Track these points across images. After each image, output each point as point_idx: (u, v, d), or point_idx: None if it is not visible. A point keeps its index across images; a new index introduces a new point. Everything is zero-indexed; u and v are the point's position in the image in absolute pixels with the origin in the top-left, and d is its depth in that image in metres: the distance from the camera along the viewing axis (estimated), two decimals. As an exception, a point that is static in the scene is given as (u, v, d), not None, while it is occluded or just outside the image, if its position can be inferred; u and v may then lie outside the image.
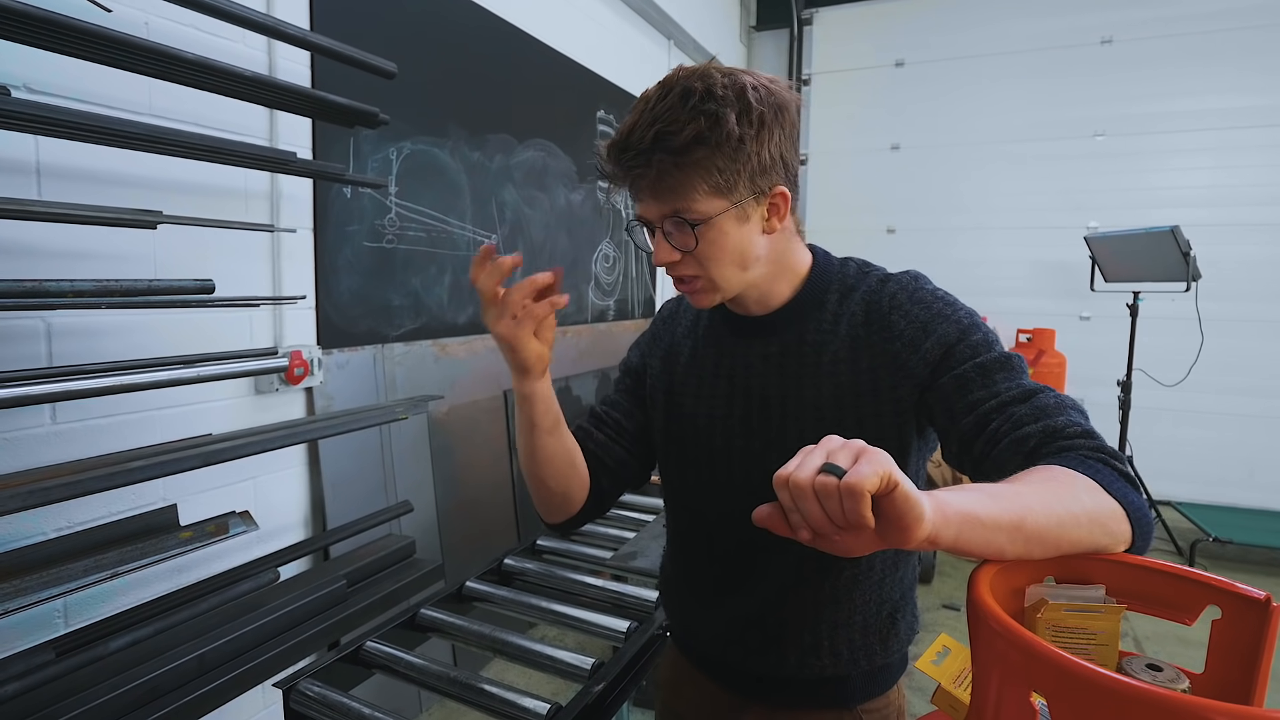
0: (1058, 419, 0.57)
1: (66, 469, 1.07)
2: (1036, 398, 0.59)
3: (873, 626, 0.74)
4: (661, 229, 0.65)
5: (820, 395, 0.69)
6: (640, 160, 0.62)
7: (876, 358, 0.68)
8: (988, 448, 0.59)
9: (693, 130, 0.60)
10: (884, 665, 0.76)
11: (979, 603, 0.47)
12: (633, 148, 0.62)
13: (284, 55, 1.54)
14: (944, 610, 2.69)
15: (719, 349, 0.77)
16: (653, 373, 0.83)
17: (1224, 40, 3.54)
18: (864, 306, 0.70)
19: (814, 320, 0.71)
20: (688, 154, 0.61)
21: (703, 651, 0.82)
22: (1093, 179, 3.83)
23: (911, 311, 0.67)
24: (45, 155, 1.15)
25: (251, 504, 1.50)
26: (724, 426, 0.74)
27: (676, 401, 0.79)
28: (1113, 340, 3.51)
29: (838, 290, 0.72)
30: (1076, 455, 0.54)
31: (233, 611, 1.22)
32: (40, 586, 1.00)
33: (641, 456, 0.85)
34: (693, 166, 0.61)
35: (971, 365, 0.63)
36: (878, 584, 0.74)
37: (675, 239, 0.65)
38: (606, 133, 3.01)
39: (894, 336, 0.67)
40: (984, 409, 0.60)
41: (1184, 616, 0.52)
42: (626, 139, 0.62)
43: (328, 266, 1.71)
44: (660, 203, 0.64)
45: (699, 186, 0.62)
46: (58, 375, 1.07)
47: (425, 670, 1.04)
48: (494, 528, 2.24)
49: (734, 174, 0.63)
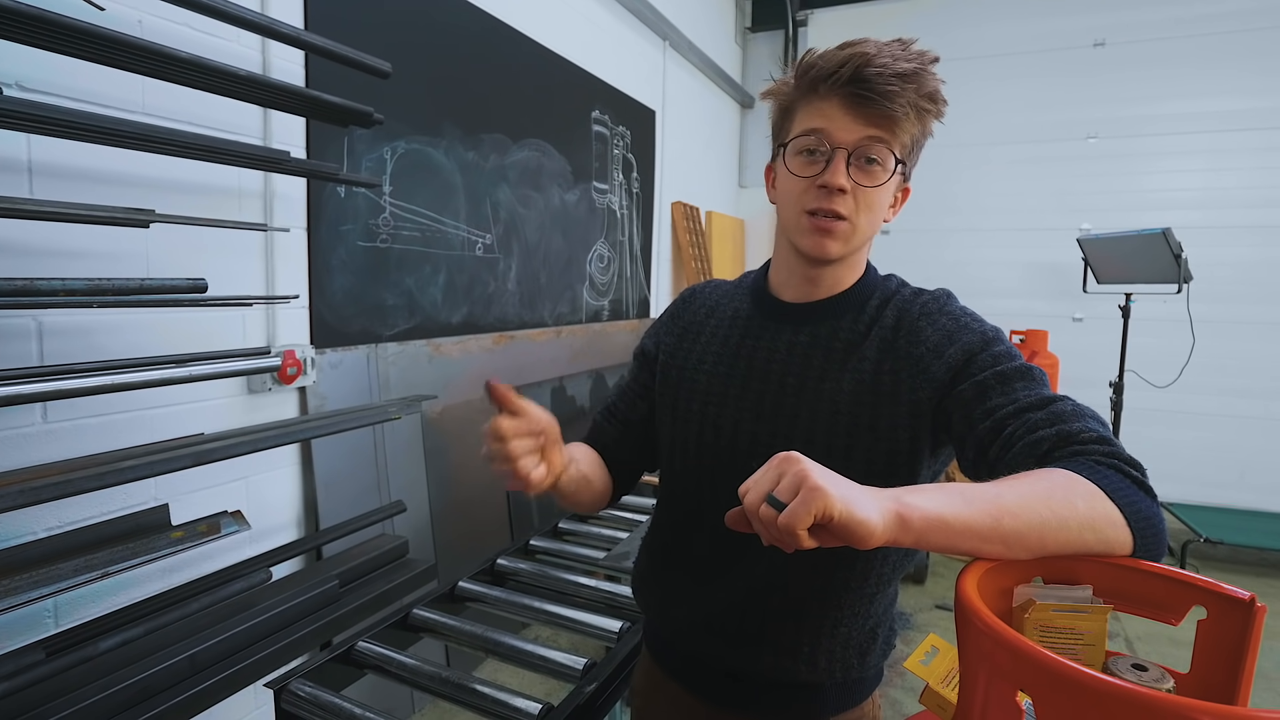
0: (1073, 424, 0.57)
1: (57, 468, 1.07)
2: (1054, 405, 0.59)
3: (854, 639, 0.73)
4: (850, 155, 0.65)
5: (839, 391, 0.69)
6: (890, 83, 0.62)
7: (900, 361, 0.68)
8: (1002, 451, 0.59)
9: (935, 86, 0.64)
10: (859, 679, 0.76)
11: (966, 603, 0.48)
12: (885, 67, 0.62)
13: (278, 54, 1.53)
14: (937, 610, 2.70)
15: (745, 330, 0.77)
16: (666, 350, 0.83)
17: (1216, 43, 3.57)
18: (895, 314, 0.71)
19: (850, 319, 0.72)
20: (929, 102, 0.64)
21: (678, 648, 0.81)
22: (1085, 181, 3.85)
23: (939, 321, 0.68)
24: (38, 153, 1.15)
25: (244, 504, 1.49)
26: (735, 407, 0.74)
27: (689, 380, 0.79)
28: (1105, 342, 3.53)
29: (879, 298, 0.73)
30: (1087, 460, 0.54)
31: (224, 611, 1.22)
32: (30, 586, 0.99)
33: (651, 443, 0.87)
34: (921, 115, 0.65)
35: (992, 373, 0.63)
36: (869, 597, 0.73)
37: (856, 172, 0.66)
38: (602, 134, 3.01)
39: (920, 342, 0.68)
40: (1000, 414, 0.60)
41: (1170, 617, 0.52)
42: (874, 58, 0.62)
43: (321, 266, 1.70)
44: (873, 129, 0.64)
45: (914, 133, 0.66)
46: (49, 374, 1.06)
47: (418, 670, 1.04)
48: (487, 528, 2.24)
49: (920, 145, 0.68)
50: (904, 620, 2.60)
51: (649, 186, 3.48)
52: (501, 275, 2.39)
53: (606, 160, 3.08)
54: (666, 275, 3.81)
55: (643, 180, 3.41)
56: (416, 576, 1.50)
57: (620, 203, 3.22)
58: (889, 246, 4.30)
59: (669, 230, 3.78)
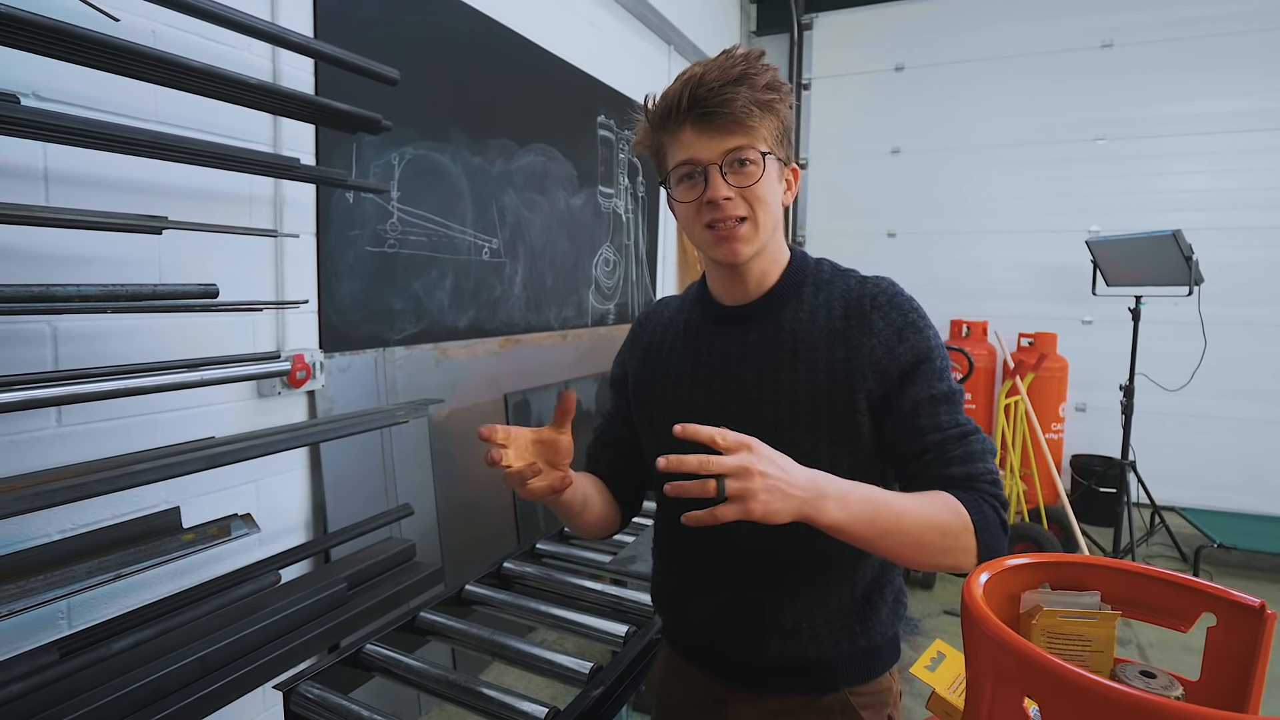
0: (978, 466, 0.70)
1: (71, 471, 1.08)
2: (969, 442, 0.70)
3: (849, 607, 0.76)
4: (720, 167, 0.69)
5: (796, 382, 0.73)
6: (723, 93, 0.67)
7: (852, 350, 0.72)
8: (922, 469, 0.71)
9: (770, 76, 0.69)
10: (868, 648, 0.77)
11: (972, 608, 0.47)
12: (714, 82, 0.67)
13: (288, 63, 1.55)
14: (945, 616, 2.68)
15: (699, 339, 0.81)
16: (633, 371, 0.87)
17: (1225, 44, 3.54)
18: (842, 303, 0.75)
19: (791, 310, 0.76)
20: (768, 93, 0.69)
21: (691, 643, 0.85)
22: (1094, 183, 3.83)
23: (890, 315, 0.73)
24: (53, 161, 1.16)
25: (253, 507, 1.50)
26: (704, 415, 0.77)
27: (659, 395, 0.82)
28: (1115, 344, 3.50)
29: (813, 284, 0.77)
30: (976, 497, 0.68)
31: (234, 613, 1.23)
32: (45, 588, 1.00)
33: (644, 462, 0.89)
34: (767, 107, 0.69)
35: (927, 396, 0.71)
36: (850, 564, 0.76)
37: (732, 177, 0.70)
38: (608, 138, 3.02)
39: (872, 334, 0.72)
40: (926, 441, 0.71)
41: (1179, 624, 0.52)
42: (702, 78, 0.68)
43: (330, 271, 1.72)
44: (729, 137, 0.69)
45: (769, 126, 0.70)
46: (63, 379, 1.07)
47: (425, 673, 1.05)
48: (494, 531, 2.25)
49: (785, 131, 0.72)
50: (911, 625, 2.59)
51: (654, 190, 3.48)
52: (508, 279, 2.40)
53: (612, 164, 3.09)
54: (672, 279, 3.81)
55: (648, 184, 3.42)
56: (423, 579, 1.51)
57: (626, 206, 3.23)
58: (896, 249, 4.29)
59: (674, 234, 3.79)
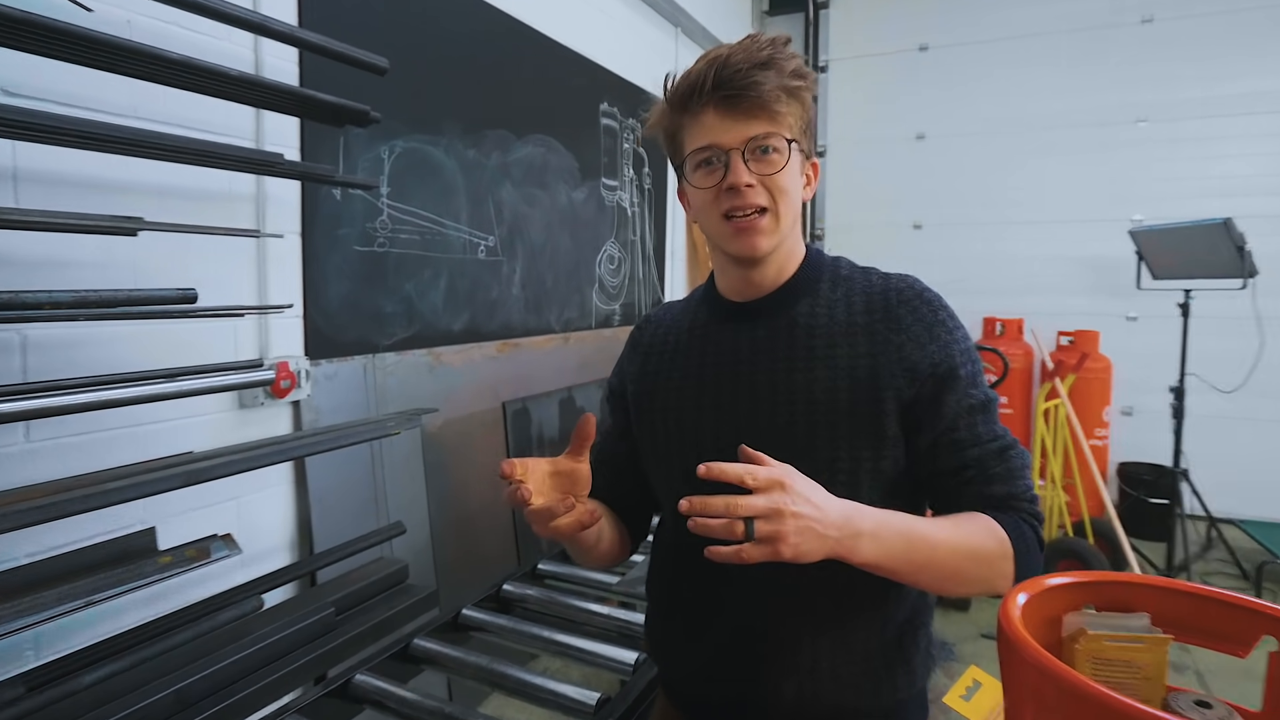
0: (1019, 484, 0.71)
1: (40, 490, 1.09)
2: (1009, 457, 0.71)
3: (875, 649, 0.73)
4: (743, 153, 0.70)
5: (813, 381, 0.72)
6: (751, 75, 0.67)
7: (878, 344, 0.71)
8: (958, 485, 0.71)
9: (797, 63, 0.70)
10: (895, 703, 0.75)
11: (1010, 632, 0.47)
12: (741, 64, 0.68)
13: (271, 53, 1.57)
14: (983, 640, 2.66)
15: (704, 339, 0.80)
16: (632, 379, 0.86)
17: (1277, 17, 3.51)
18: (864, 298, 0.75)
19: (806, 304, 0.76)
20: (795, 80, 0.70)
21: (692, 689, 0.82)
22: (1136, 169, 3.80)
23: (919, 310, 0.73)
24: (23, 160, 1.18)
25: (234, 526, 1.51)
26: (710, 421, 0.76)
27: (661, 401, 0.81)
28: (1163, 342, 3.46)
29: (830, 279, 0.77)
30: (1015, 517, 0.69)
31: (213, 642, 1.23)
32: (11, 616, 1.01)
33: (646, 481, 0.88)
34: (794, 94, 0.70)
35: (965, 407, 0.71)
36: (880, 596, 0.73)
37: (755, 164, 0.70)
38: (611, 127, 3.03)
39: (900, 329, 0.72)
40: (966, 456, 0.71)
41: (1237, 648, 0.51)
42: (729, 59, 0.68)
43: (316, 272, 1.73)
44: (754, 122, 0.69)
45: (795, 113, 0.71)
46: (33, 391, 1.08)
47: (418, 706, 1.05)
48: (492, 550, 2.24)
49: (809, 121, 0.73)
50: (946, 651, 2.56)
51: (662, 182, 3.49)
52: (505, 279, 2.41)
53: (616, 155, 3.10)
54: (681, 276, 3.81)
55: (655, 175, 3.42)
56: (417, 604, 1.51)
57: (631, 200, 3.23)
58: (922, 242, 4.27)
59: (684, 228, 3.79)
